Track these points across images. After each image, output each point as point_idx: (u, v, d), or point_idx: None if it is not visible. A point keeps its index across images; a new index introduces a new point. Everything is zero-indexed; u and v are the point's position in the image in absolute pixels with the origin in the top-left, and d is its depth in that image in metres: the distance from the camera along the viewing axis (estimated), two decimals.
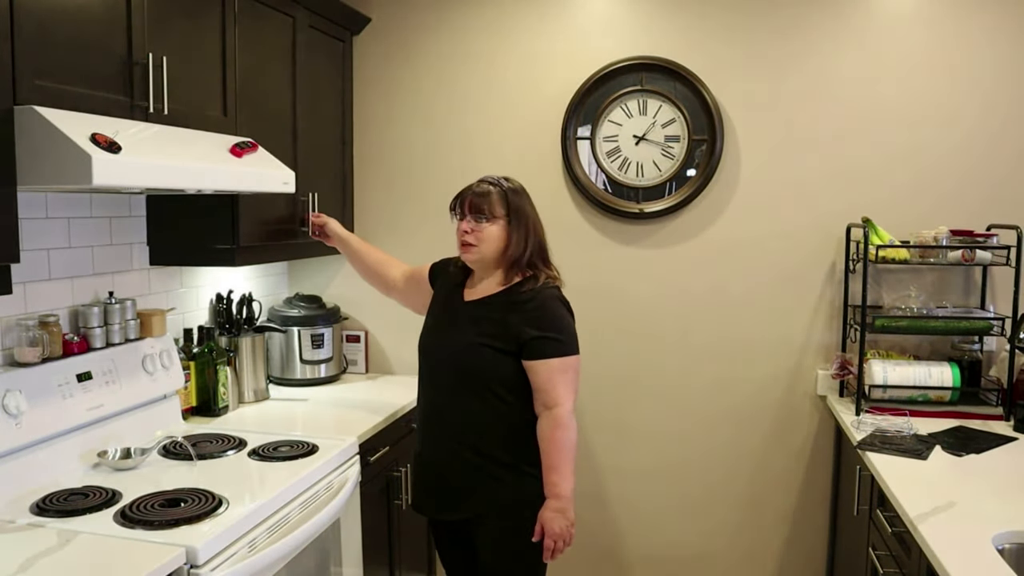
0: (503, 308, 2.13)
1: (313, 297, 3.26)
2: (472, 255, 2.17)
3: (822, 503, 3.11)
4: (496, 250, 2.16)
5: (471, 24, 3.17)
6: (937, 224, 2.84)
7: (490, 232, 2.14)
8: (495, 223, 2.13)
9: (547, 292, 2.14)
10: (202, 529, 1.77)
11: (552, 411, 2.08)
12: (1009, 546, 1.79)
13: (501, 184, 2.17)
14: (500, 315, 2.12)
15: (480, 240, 2.14)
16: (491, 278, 2.20)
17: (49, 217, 2.20)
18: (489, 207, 2.13)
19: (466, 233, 2.15)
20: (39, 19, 1.72)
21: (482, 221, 2.14)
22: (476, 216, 2.14)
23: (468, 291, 2.23)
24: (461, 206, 2.18)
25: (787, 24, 2.95)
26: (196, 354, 2.66)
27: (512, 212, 2.15)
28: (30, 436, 1.99)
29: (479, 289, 2.21)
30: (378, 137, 3.29)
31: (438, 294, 2.33)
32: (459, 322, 2.18)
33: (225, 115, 2.39)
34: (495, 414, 2.13)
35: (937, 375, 2.73)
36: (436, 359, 2.21)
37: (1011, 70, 2.83)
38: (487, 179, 2.19)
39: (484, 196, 2.14)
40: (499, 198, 2.14)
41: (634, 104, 3.06)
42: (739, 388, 3.12)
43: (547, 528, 2.07)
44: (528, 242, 2.16)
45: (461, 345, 2.14)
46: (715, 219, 3.07)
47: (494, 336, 2.11)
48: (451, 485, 2.19)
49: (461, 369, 2.14)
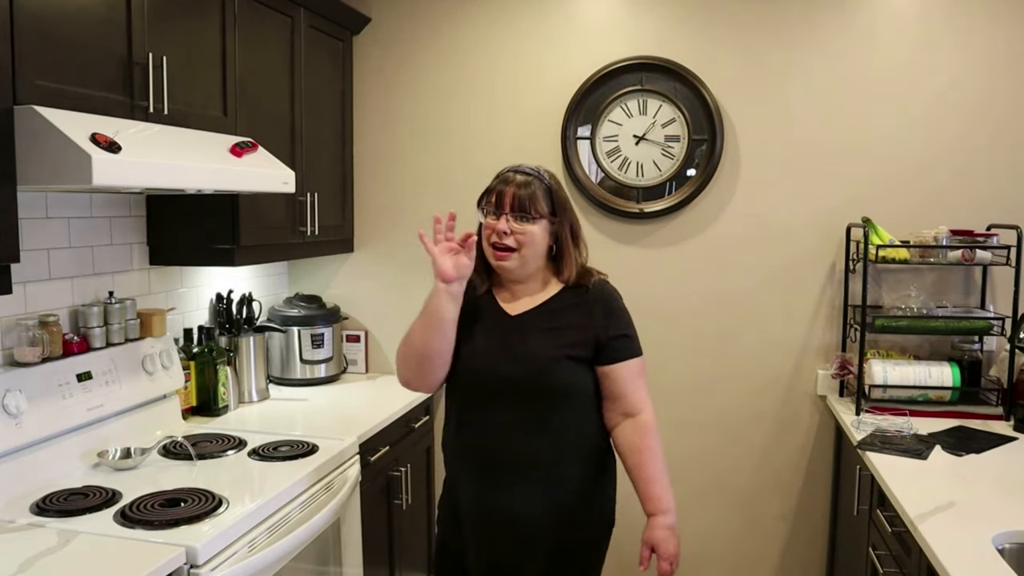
0: (574, 311, 1.88)
1: (313, 297, 3.26)
2: (511, 261, 1.85)
3: (822, 503, 3.11)
4: (540, 254, 1.87)
5: (471, 24, 3.17)
6: (937, 224, 2.84)
7: (534, 234, 1.84)
8: (538, 222, 1.84)
9: (608, 287, 1.94)
10: (202, 529, 1.77)
11: (638, 418, 1.88)
12: (1009, 546, 1.79)
13: (542, 176, 1.88)
14: (574, 319, 1.87)
15: (523, 243, 1.83)
16: (532, 283, 1.91)
17: (49, 217, 2.20)
18: (534, 204, 1.83)
19: (505, 235, 1.83)
20: (39, 19, 1.72)
21: (525, 220, 1.83)
22: (519, 215, 1.83)
23: (509, 304, 1.92)
24: (499, 202, 1.84)
25: (787, 24, 2.95)
26: (196, 354, 2.66)
27: (559, 209, 1.88)
28: (30, 436, 1.99)
29: (524, 298, 1.92)
30: (378, 137, 3.29)
31: (465, 313, 1.90)
32: (522, 337, 1.86)
33: (225, 115, 2.39)
34: (579, 436, 1.87)
35: (937, 375, 2.73)
36: (499, 383, 1.83)
37: (1011, 70, 2.83)
38: (522, 169, 1.89)
39: (528, 190, 1.83)
40: (544, 193, 1.85)
41: (634, 104, 3.06)
42: (739, 388, 3.12)
43: (662, 550, 1.83)
44: (579, 242, 1.92)
45: (538, 361, 1.82)
46: (715, 219, 3.07)
47: (574, 344, 1.84)
48: (531, 534, 1.86)
49: (540, 389, 1.82)
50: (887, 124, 2.93)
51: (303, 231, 2.83)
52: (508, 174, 1.89)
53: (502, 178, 1.88)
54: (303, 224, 2.83)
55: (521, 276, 1.89)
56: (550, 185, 1.88)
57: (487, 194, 1.89)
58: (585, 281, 1.91)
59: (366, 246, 3.35)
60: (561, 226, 1.89)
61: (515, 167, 1.90)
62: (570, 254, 1.90)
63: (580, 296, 1.90)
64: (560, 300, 1.90)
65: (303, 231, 2.83)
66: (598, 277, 1.94)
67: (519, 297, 1.92)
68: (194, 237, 2.52)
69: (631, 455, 1.88)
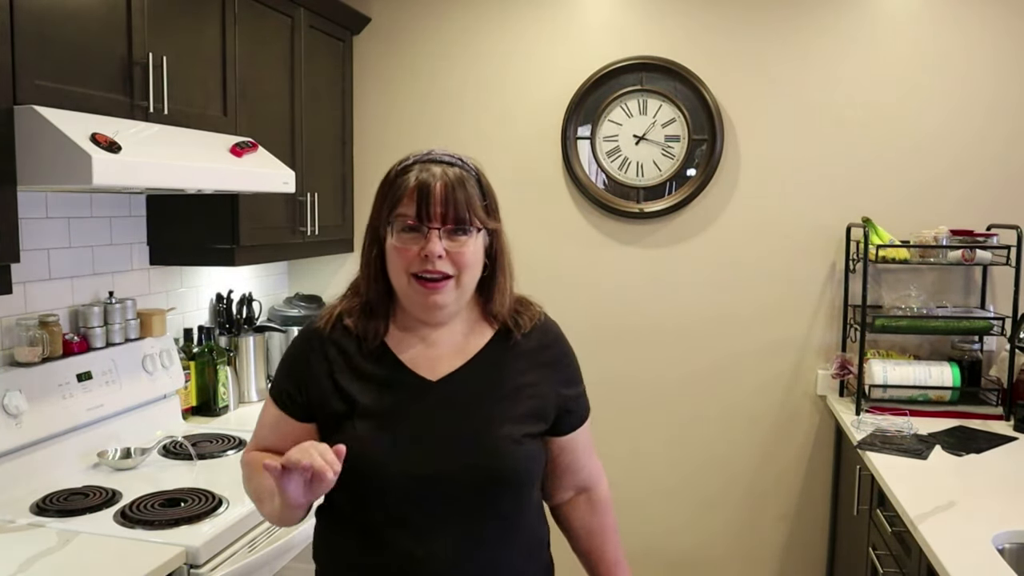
0: (523, 365, 1.37)
1: (313, 297, 3.26)
2: (446, 294, 1.29)
3: (822, 503, 3.11)
4: (476, 281, 1.34)
5: (471, 24, 3.17)
6: (937, 224, 2.84)
7: (475, 251, 1.31)
8: (476, 235, 1.31)
9: (556, 325, 1.46)
10: (202, 529, 1.77)
11: (596, 492, 1.50)
12: (1009, 546, 1.79)
13: (467, 164, 1.34)
14: (527, 378, 1.37)
15: (463, 265, 1.29)
16: (455, 325, 1.37)
17: (49, 217, 2.20)
18: (472, 208, 1.29)
19: (439, 258, 1.27)
20: (39, 19, 1.72)
21: (462, 233, 1.29)
22: (455, 228, 1.28)
23: (424, 362, 1.34)
24: (424, 208, 1.27)
25: (788, 23, 2.95)
26: (196, 354, 2.66)
27: (493, 210, 1.35)
28: (30, 436, 1.99)
29: (445, 350, 1.35)
30: (378, 137, 3.29)
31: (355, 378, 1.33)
32: (460, 414, 1.31)
33: (225, 115, 2.39)
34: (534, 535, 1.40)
35: (937, 375, 2.73)
36: (433, 486, 1.27)
37: (1012, 70, 2.83)
38: (441, 157, 1.32)
39: (463, 190, 1.29)
40: (478, 191, 1.32)
41: (634, 104, 3.06)
42: (739, 388, 3.12)
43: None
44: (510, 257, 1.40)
45: (493, 448, 1.30)
46: (715, 219, 3.07)
47: (532, 415, 1.35)
48: None
49: (496, 484, 1.30)
50: (887, 124, 2.92)
51: (303, 231, 2.83)
52: (423, 165, 1.30)
53: (419, 170, 1.29)
54: (303, 224, 2.83)
55: (452, 313, 1.35)
56: (478, 175, 1.34)
57: (392, 194, 1.30)
58: (525, 317, 1.40)
59: None
60: (499, 236, 1.37)
61: (425, 154, 1.33)
62: (505, 277, 1.37)
63: (529, 342, 1.38)
64: (498, 349, 1.37)
65: (303, 231, 2.83)
66: (539, 310, 1.44)
67: (437, 347, 1.35)
68: (194, 237, 2.52)
69: (588, 537, 1.49)
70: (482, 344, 1.37)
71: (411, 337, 1.35)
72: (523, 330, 1.38)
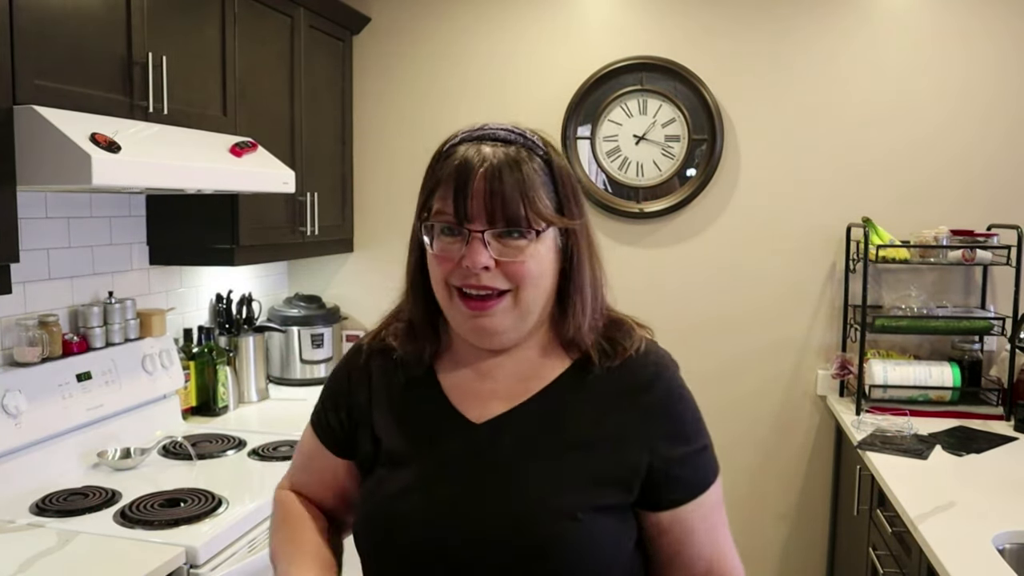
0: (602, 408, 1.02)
1: (313, 297, 3.26)
2: (500, 317, 0.99)
3: (822, 503, 3.10)
4: (546, 294, 1.01)
5: (471, 24, 3.17)
6: (937, 224, 2.83)
7: (539, 258, 0.98)
8: (543, 236, 0.98)
9: (666, 358, 1.12)
10: (202, 529, 1.77)
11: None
12: (1009, 546, 1.79)
13: (534, 143, 1.03)
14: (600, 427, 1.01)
15: (522, 278, 0.97)
16: (523, 351, 1.05)
17: (49, 217, 2.20)
18: (532, 202, 0.96)
19: (485, 270, 0.96)
20: (39, 19, 1.71)
21: (520, 236, 0.96)
22: (507, 229, 0.96)
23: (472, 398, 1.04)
24: (460, 205, 0.96)
25: (788, 23, 2.95)
26: (196, 354, 2.66)
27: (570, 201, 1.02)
28: (30, 436, 1.99)
29: (504, 383, 1.03)
30: (378, 137, 3.29)
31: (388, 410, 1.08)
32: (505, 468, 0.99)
33: (225, 115, 2.39)
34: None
35: (937, 375, 2.72)
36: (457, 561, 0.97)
37: (1013, 70, 2.83)
38: (496, 132, 1.03)
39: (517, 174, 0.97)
40: (545, 176, 1.00)
41: (634, 104, 3.06)
42: (739, 388, 3.11)
43: None
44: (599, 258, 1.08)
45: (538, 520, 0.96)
46: (715, 219, 3.07)
47: (607, 479, 0.99)
48: None
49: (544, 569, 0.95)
50: (887, 124, 2.92)
51: (303, 231, 2.83)
52: (467, 146, 1.01)
53: (464, 150, 1.00)
54: (303, 224, 2.83)
55: (513, 340, 1.03)
56: (547, 154, 1.02)
57: (429, 184, 1.02)
58: (618, 344, 1.05)
59: (366, 246, 3.35)
60: (576, 237, 1.02)
61: (478, 128, 1.05)
62: (583, 293, 1.03)
63: (615, 379, 1.03)
64: (570, 386, 1.03)
65: (303, 231, 2.83)
66: (641, 335, 1.10)
67: (492, 380, 1.04)
68: (194, 237, 2.52)
69: None
70: (551, 378, 1.02)
71: (463, 364, 1.05)
72: (610, 361, 1.02)
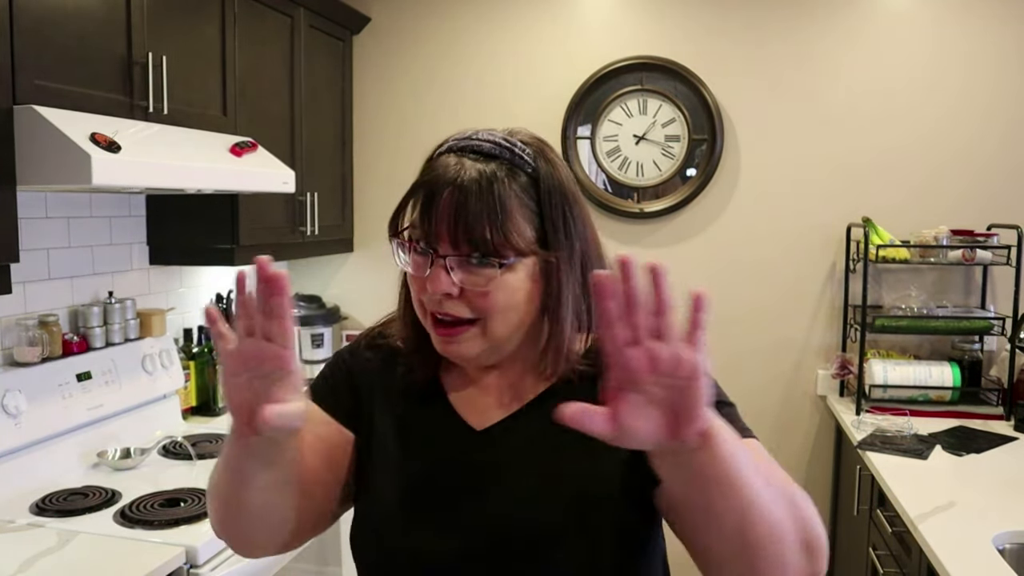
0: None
1: (313, 297, 3.26)
2: (467, 344, 0.93)
3: (822, 503, 3.10)
4: (521, 317, 0.93)
5: (471, 24, 3.17)
6: (937, 224, 2.83)
7: (508, 287, 0.91)
8: (517, 264, 0.90)
9: None
10: (202, 529, 1.77)
11: None
12: (1009, 546, 1.79)
13: (518, 158, 0.94)
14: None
15: (488, 309, 0.91)
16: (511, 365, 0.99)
17: (49, 217, 2.20)
18: (500, 226, 0.89)
19: (448, 297, 0.90)
20: (39, 19, 1.71)
21: (485, 265, 0.89)
22: (472, 256, 0.89)
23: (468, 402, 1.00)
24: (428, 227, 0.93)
25: (788, 23, 2.95)
26: (196, 354, 2.66)
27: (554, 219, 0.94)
28: (30, 436, 1.99)
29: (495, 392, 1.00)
30: (378, 137, 3.29)
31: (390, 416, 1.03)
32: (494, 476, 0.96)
33: (225, 115, 2.39)
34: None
35: (937, 375, 2.72)
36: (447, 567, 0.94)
37: (1013, 70, 2.83)
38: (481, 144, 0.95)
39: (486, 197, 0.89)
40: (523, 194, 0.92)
41: (634, 104, 3.06)
42: (739, 388, 3.08)
43: None
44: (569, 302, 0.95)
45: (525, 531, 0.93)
46: (715, 219, 3.07)
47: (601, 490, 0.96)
48: None
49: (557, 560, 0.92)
50: (887, 124, 2.92)
51: (303, 231, 2.83)
52: (448, 157, 0.95)
53: (436, 168, 0.95)
54: (303, 224, 2.83)
55: (491, 361, 0.98)
56: (536, 172, 0.94)
57: (405, 199, 0.99)
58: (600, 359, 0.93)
59: (366, 246, 3.35)
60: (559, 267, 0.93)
61: (466, 136, 0.98)
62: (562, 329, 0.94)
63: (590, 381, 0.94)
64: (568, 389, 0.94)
65: (303, 231, 2.83)
66: None
67: (489, 391, 1.01)
68: (194, 237, 2.52)
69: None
70: (544, 386, 0.98)
71: (465, 377, 1.02)
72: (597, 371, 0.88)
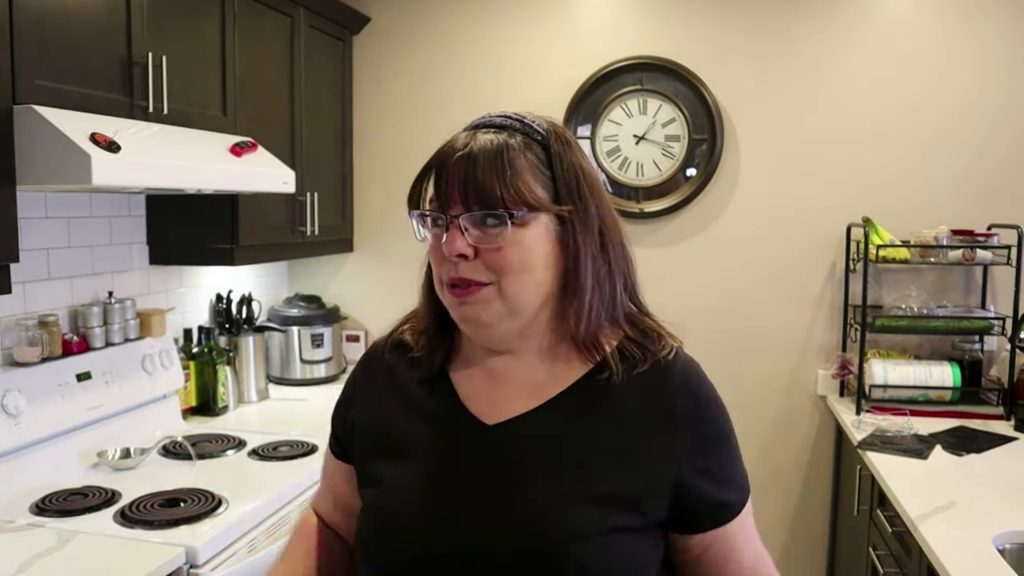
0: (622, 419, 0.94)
1: (313, 297, 3.26)
2: (481, 307, 0.93)
3: (822, 503, 3.10)
4: (540, 285, 0.94)
5: (471, 24, 3.17)
6: (938, 224, 2.83)
7: (522, 245, 0.91)
8: (529, 222, 0.92)
9: (695, 371, 1.02)
10: (202, 529, 1.77)
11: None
12: (1009, 546, 1.79)
13: (531, 125, 0.98)
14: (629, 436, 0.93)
15: (503, 266, 0.91)
16: (531, 353, 0.99)
17: (49, 217, 2.20)
18: (510, 183, 0.91)
19: (463, 258, 0.92)
20: (39, 19, 1.71)
21: (498, 222, 0.91)
22: (483, 214, 0.91)
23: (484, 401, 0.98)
24: (441, 193, 0.94)
25: (788, 24, 2.95)
26: (196, 354, 2.66)
27: (568, 185, 0.95)
28: (30, 436, 1.99)
29: (516, 387, 0.98)
30: (378, 137, 3.29)
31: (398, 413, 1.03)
32: (512, 476, 0.93)
33: (225, 115, 2.39)
34: None
35: (937, 375, 2.72)
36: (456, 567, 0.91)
37: (1013, 69, 2.83)
38: (493, 120, 1.00)
39: (496, 159, 0.92)
40: (534, 157, 0.94)
41: (634, 104, 3.06)
42: (739, 388, 3.11)
43: None
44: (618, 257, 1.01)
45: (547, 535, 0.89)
46: (715, 219, 3.07)
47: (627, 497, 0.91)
48: None
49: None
50: (888, 123, 2.92)
51: (303, 231, 2.83)
52: (460, 134, 0.99)
53: (447, 143, 0.99)
54: (303, 224, 2.83)
55: (508, 336, 0.96)
56: (546, 140, 0.96)
57: (419, 181, 0.99)
58: (645, 350, 0.98)
59: (366, 246, 3.35)
60: (575, 227, 0.94)
61: (480, 117, 1.02)
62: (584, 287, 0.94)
63: (636, 390, 0.95)
64: (589, 392, 0.95)
65: (303, 231, 2.83)
66: (670, 343, 1.00)
67: (505, 385, 0.98)
68: (194, 237, 2.51)
69: None
70: (568, 383, 0.96)
71: (476, 368, 1.00)
72: (636, 368, 0.94)
